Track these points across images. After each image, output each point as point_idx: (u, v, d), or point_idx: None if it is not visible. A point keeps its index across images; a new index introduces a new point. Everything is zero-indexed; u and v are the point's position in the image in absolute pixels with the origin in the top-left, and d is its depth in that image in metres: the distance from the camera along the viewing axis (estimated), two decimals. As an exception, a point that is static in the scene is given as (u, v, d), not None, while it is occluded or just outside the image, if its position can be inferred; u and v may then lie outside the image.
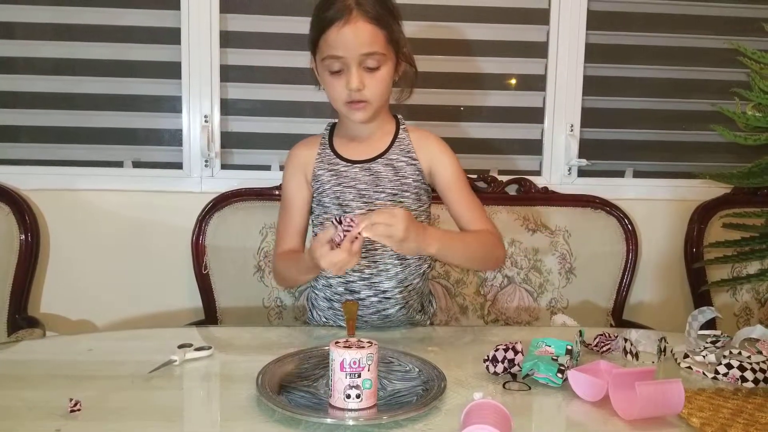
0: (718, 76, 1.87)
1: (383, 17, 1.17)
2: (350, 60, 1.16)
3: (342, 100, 1.20)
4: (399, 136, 1.30)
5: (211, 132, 1.74)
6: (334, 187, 1.27)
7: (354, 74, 1.17)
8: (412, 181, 1.27)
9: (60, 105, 1.75)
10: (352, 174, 1.27)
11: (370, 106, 1.21)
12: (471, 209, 1.28)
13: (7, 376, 1.00)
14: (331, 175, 1.28)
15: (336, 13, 1.15)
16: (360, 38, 1.15)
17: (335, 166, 1.28)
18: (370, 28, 1.15)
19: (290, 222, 1.33)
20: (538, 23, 1.81)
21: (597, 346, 1.14)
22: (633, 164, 1.90)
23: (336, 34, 1.15)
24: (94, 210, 1.72)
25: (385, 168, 1.27)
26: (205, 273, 1.66)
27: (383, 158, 1.27)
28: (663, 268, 1.86)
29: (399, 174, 1.26)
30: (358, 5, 1.15)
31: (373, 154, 1.28)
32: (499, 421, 0.76)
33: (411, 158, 1.28)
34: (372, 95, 1.19)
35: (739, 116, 1.02)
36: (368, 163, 1.27)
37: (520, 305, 1.73)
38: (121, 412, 0.87)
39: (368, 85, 1.18)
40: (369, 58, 1.17)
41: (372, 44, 1.16)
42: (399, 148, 1.29)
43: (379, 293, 1.28)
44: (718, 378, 1.03)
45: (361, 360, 0.85)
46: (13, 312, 1.61)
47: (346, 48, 1.15)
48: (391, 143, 1.29)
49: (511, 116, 1.86)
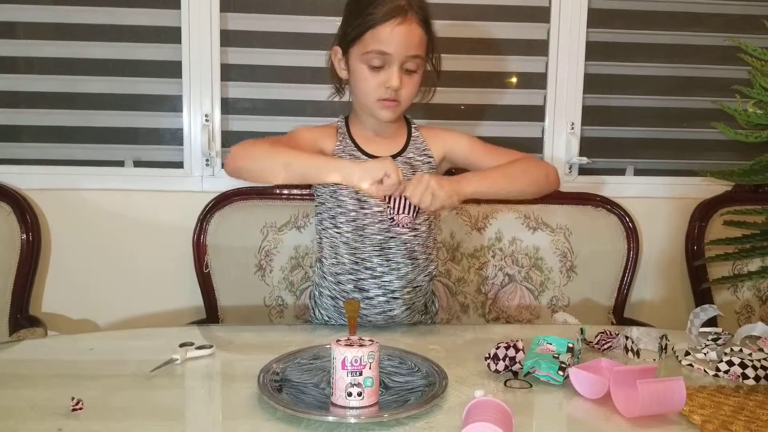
0: (719, 74, 1.86)
1: (429, 23, 1.22)
2: (395, 58, 1.19)
3: (375, 96, 1.22)
4: (413, 135, 1.33)
5: (211, 131, 1.74)
6: None
7: (395, 73, 1.19)
8: None
9: (61, 104, 1.75)
10: None
11: (400, 107, 1.24)
12: (500, 153, 1.31)
13: (8, 375, 1.00)
14: None
15: (392, 11, 1.18)
16: (411, 39, 1.19)
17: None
18: (420, 31, 1.20)
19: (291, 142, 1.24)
20: (539, 21, 1.81)
21: (598, 343, 1.14)
22: (634, 162, 1.90)
23: (390, 31, 1.17)
24: (96, 209, 1.73)
25: (404, 166, 1.29)
26: (206, 272, 1.66)
27: (402, 157, 1.30)
28: (664, 265, 1.86)
29: (416, 172, 1.28)
30: (411, 8, 1.18)
31: (391, 152, 1.30)
32: (501, 418, 0.76)
33: (427, 156, 1.32)
34: (405, 96, 1.23)
35: (741, 113, 1.02)
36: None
37: (521, 303, 1.73)
38: (123, 411, 0.87)
39: (404, 86, 1.21)
40: (411, 61, 1.20)
41: (419, 47, 1.20)
42: (414, 146, 1.32)
43: (388, 293, 1.28)
44: (720, 375, 1.03)
45: (362, 358, 0.85)
46: (15, 311, 1.61)
47: (397, 46, 1.18)
48: (406, 143, 1.32)
49: (512, 114, 1.86)
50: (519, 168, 1.26)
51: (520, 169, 1.26)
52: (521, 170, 1.26)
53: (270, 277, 1.67)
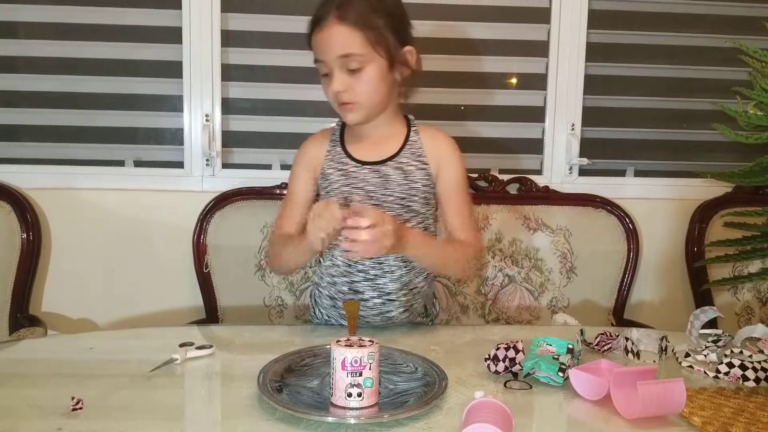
0: (720, 75, 1.86)
1: (364, 18, 1.17)
2: (330, 63, 1.18)
3: (334, 102, 1.22)
4: (410, 138, 1.29)
5: (212, 131, 1.74)
6: (342, 187, 1.26)
7: (336, 77, 1.18)
8: (421, 185, 1.26)
9: (61, 104, 1.75)
10: (361, 175, 1.26)
11: (360, 107, 1.21)
12: (462, 218, 1.28)
13: (8, 375, 1.00)
14: (340, 175, 1.27)
15: (316, 18, 1.18)
16: (335, 41, 1.16)
17: (345, 165, 1.27)
18: (344, 30, 1.16)
19: (291, 214, 1.32)
20: (539, 22, 1.81)
21: (598, 345, 1.14)
22: (634, 163, 1.90)
23: (317, 39, 1.18)
24: (96, 209, 1.73)
25: (395, 171, 1.26)
26: (207, 272, 1.66)
27: (393, 161, 1.26)
28: (664, 267, 1.86)
29: (408, 178, 1.26)
30: (337, 8, 1.16)
31: (384, 156, 1.27)
32: (500, 420, 0.76)
33: (422, 162, 1.27)
34: (360, 96, 1.19)
35: (741, 115, 1.02)
36: (378, 165, 1.26)
37: (521, 304, 1.73)
38: (123, 411, 0.87)
39: (353, 86, 1.18)
40: (348, 60, 1.17)
41: (347, 46, 1.16)
42: (410, 151, 1.28)
43: (383, 295, 1.27)
44: (720, 377, 1.03)
45: (362, 359, 0.85)
46: (15, 311, 1.62)
47: (323, 52, 1.18)
48: (402, 146, 1.28)
49: (512, 115, 1.86)
50: (454, 257, 1.26)
51: (454, 259, 1.26)
52: (455, 260, 1.26)
53: (270, 277, 1.67)
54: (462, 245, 1.27)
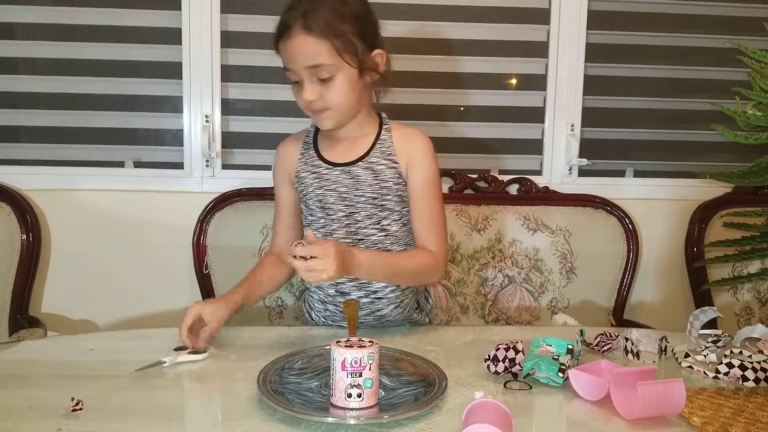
0: (719, 76, 1.87)
1: (330, 27, 1.14)
2: (299, 72, 1.17)
3: (306, 110, 1.21)
4: (381, 137, 1.27)
5: (211, 132, 1.74)
6: (317, 190, 1.27)
7: (306, 87, 1.17)
8: (392, 184, 1.25)
9: (61, 105, 1.75)
10: (333, 177, 1.26)
11: (333, 113, 1.20)
12: (427, 225, 1.25)
13: (8, 375, 1.00)
14: (314, 178, 1.27)
15: (282, 28, 1.18)
16: (303, 51, 1.15)
17: (317, 168, 1.28)
18: (310, 40, 1.14)
19: (279, 220, 1.35)
20: (539, 23, 1.81)
21: (598, 345, 1.14)
22: (633, 164, 1.90)
23: (283, 49, 1.18)
24: (95, 210, 1.73)
25: (365, 171, 1.25)
26: (206, 273, 1.66)
27: (363, 161, 1.25)
28: (664, 267, 1.86)
29: (379, 177, 1.25)
30: (302, 18, 1.15)
31: (354, 156, 1.26)
32: (500, 420, 0.76)
33: (391, 161, 1.25)
34: (332, 103, 1.19)
35: (740, 115, 1.02)
36: (348, 166, 1.26)
37: (520, 305, 1.73)
38: (123, 412, 0.87)
39: (324, 95, 1.18)
40: (318, 70, 1.16)
41: (314, 57, 1.15)
42: (379, 150, 1.26)
43: (371, 293, 1.27)
44: (719, 377, 1.03)
45: (362, 359, 0.85)
46: (15, 312, 1.62)
47: (292, 61, 1.17)
48: (372, 145, 1.27)
49: (512, 116, 1.86)
50: (412, 270, 1.23)
51: (412, 272, 1.23)
52: (413, 272, 1.23)
53: (270, 278, 1.66)
54: (420, 255, 1.24)
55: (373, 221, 1.25)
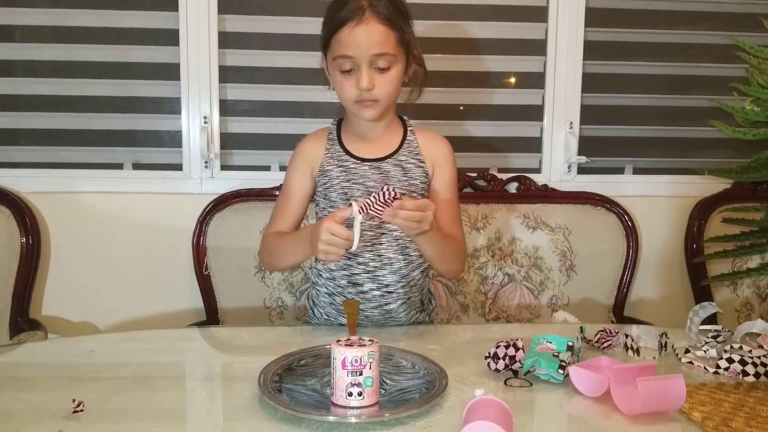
0: (717, 72, 1.87)
1: (395, 18, 1.19)
2: (361, 60, 1.17)
3: (351, 99, 1.22)
4: (407, 138, 1.32)
5: (210, 133, 1.74)
6: (343, 183, 1.28)
7: (364, 74, 1.18)
8: (419, 182, 1.30)
9: (59, 107, 1.75)
10: (361, 171, 1.28)
11: (379, 105, 1.22)
12: (451, 223, 1.31)
13: (9, 378, 1.00)
14: (340, 171, 1.28)
15: (349, 13, 1.17)
16: (372, 39, 1.16)
17: (344, 162, 1.29)
18: (382, 28, 1.17)
19: (287, 209, 1.33)
20: (537, 21, 1.81)
21: (598, 342, 1.14)
22: (633, 161, 1.91)
23: (348, 35, 1.17)
24: (95, 212, 1.73)
25: (395, 168, 1.28)
26: (206, 274, 1.66)
27: (393, 159, 1.29)
28: (663, 264, 1.86)
29: (407, 175, 1.29)
30: (372, 6, 1.16)
31: (383, 153, 1.29)
32: (501, 417, 0.76)
33: (419, 160, 1.30)
34: (381, 95, 1.21)
35: (738, 111, 1.02)
36: (378, 162, 1.29)
37: (521, 303, 1.73)
38: (124, 413, 0.87)
39: (378, 84, 1.19)
40: (380, 59, 1.18)
41: (383, 45, 1.17)
42: (407, 149, 1.31)
43: (382, 287, 1.29)
44: (720, 373, 1.03)
45: (362, 358, 0.85)
46: (15, 315, 1.62)
47: (358, 48, 1.17)
48: (400, 145, 1.31)
49: (511, 114, 1.86)
50: (453, 249, 1.27)
51: (453, 251, 1.28)
52: (454, 253, 1.28)
53: (270, 278, 1.67)
54: (457, 241, 1.30)
55: None
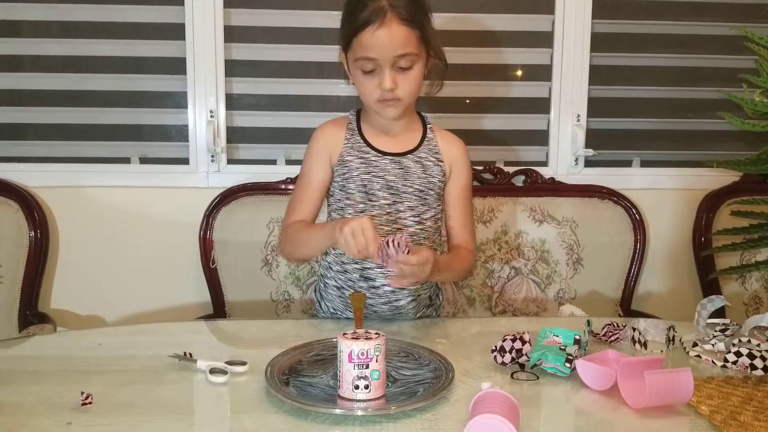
0: (726, 64, 1.85)
1: (416, 17, 1.18)
2: (383, 62, 1.17)
3: (374, 99, 1.22)
4: (427, 136, 1.33)
5: (216, 127, 1.74)
6: (363, 175, 1.27)
7: (387, 75, 1.18)
8: (437, 181, 1.30)
9: (66, 102, 1.76)
10: (382, 165, 1.28)
11: (402, 104, 1.23)
12: (464, 225, 1.34)
13: (19, 371, 1.01)
14: (360, 163, 1.28)
15: (370, 15, 1.15)
16: (394, 40, 1.16)
17: (365, 154, 1.29)
18: (403, 30, 1.16)
19: (307, 197, 1.31)
20: (544, 13, 1.80)
21: (605, 335, 1.13)
22: (640, 154, 1.89)
23: (370, 37, 1.16)
24: (102, 206, 1.73)
25: (415, 164, 1.29)
26: (213, 267, 1.66)
27: (413, 155, 1.30)
28: (671, 257, 1.86)
29: (427, 172, 1.29)
30: (392, 7, 1.15)
31: (403, 149, 1.30)
32: (507, 410, 0.76)
33: (438, 159, 1.31)
34: (404, 93, 1.21)
35: (748, 103, 1.02)
36: (399, 157, 1.29)
37: (527, 296, 1.72)
38: (132, 406, 0.87)
39: (401, 84, 1.20)
40: (402, 59, 1.18)
41: (405, 46, 1.17)
42: (427, 147, 1.31)
43: None
44: (728, 366, 1.03)
45: (369, 351, 0.85)
46: (24, 308, 1.63)
47: (380, 50, 1.16)
48: (420, 142, 1.31)
49: (517, 107, 1.86)
50: (460, 268, 1.32)
51: (460, 270, 1.33)
52: (460, 271, 1.34)
53: (276, 272, 1.67)
54: (466, 256, 1.33)
55: (414, 213, 1.28)
